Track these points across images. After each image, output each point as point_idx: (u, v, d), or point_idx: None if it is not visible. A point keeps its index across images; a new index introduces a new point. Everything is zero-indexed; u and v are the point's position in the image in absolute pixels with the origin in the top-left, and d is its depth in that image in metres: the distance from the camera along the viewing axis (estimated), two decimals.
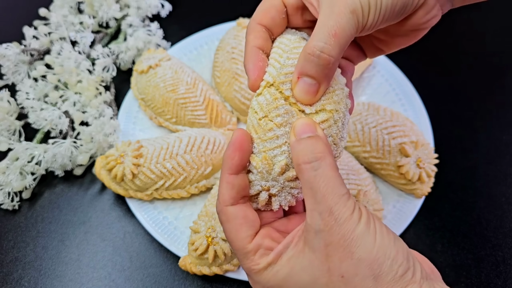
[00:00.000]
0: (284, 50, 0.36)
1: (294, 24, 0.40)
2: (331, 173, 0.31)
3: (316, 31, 0.33)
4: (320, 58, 0.32)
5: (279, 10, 0.38)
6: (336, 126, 0.35)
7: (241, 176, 0.35)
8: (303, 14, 0.39)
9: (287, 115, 0.34)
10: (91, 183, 0.69)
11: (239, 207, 0.36)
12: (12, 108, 0.72)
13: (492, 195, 0.67)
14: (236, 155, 0.34)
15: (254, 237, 0.35)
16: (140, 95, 0.73)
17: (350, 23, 0.33)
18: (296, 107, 0.34)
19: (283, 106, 0.34)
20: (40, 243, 0.63)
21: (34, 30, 0.80)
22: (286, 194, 0.35)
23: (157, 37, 0.82)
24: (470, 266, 0.60)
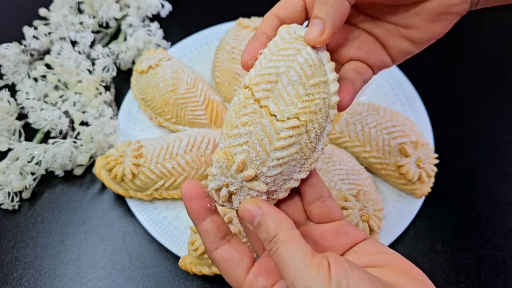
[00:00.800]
0: (271, 51, 0.35)
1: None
2: (289, 250, 0.31)
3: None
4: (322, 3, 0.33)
5: (294, 3, 0.38)
6: (307, 136, 0.34)
7: (210, 219, 0.36)
8: None
9: (254, 115, 0.33)
10: (91, 183, 0.69)
11: (223, 249, 0.36)
12: (12, 108, 0.72)
13: (492, 195, 0.67)
14: (192, 206, 0.35)
15: (248, 272, 0.35)
16: (140, 95, 0.73)
17: None
18: (266, 109, 0.33)
19: (251, 105, 0.33)
20: (40, 243, 0.63)
21: (34, 30, 0.80)
22: (245, 194, 0.35)
23: (157, 37, 0.82)
24: (470, 266, 0.60)
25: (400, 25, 0.41)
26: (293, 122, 0.33)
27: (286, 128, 0.33)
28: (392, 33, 0.41)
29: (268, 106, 0.33)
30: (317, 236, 0.37)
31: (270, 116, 0.33)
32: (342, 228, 0.37)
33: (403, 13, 0.40)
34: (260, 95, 0.33)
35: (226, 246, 0.36)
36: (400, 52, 0.42)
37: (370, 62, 0.42)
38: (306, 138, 0.34)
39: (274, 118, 0.33)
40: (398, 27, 0.41)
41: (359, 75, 0.40)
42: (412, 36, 0.40)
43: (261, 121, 0.33)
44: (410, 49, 0.41)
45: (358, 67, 0.41)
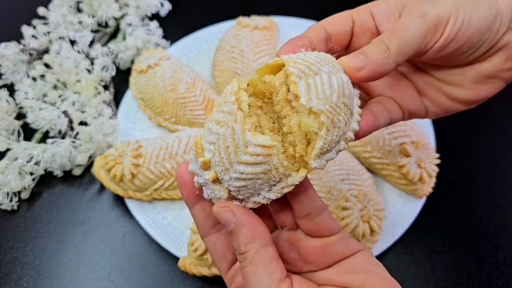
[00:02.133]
0: (319, 54, 0.33)
1: (356, 45, 0.39)
2: (255, 273, 0.31)
3: (383, 32, 0.35)
4: (379, 45, 0.33)
5: (344, 22, 0.38)
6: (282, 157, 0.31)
7: (200, 206, 0.35)
8: (370, 39, 0.37)
9: (228, 116, 0.31)
10: (90, 183, 0.68)
11: (210, 239, 0.36)
12: (11, 108, 0.72)
13: (493, 196, 0.66)
14: (183, 191, 0.35)
15: (230, 268, 0.36)
16: (139, 95, 0.73)
17: (416, 26, 0.33)
18: (241, 113, 0.30)
19: (230, 104, 0.31)
20: (39, 244, 0.63)
21: (33, 30, 0.79)
22: (211, 191, 0.33)
23: (156, 36, 0.81)
24: (471, 267, 0.60)
25: (443, 80, 0.39)
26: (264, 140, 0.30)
27: (256, 145, 0.30)
28: (433, 85, 0.40)
29: (298, 86, 0.30)
30: (302, 248, 0.36)
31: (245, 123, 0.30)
32: (329, 247, 0.35)
33: (448, 70, 0.38)
34: (296, 71, 0.31)
35: (214, 236, 0.36)
36: (437, 106, 0.40)
37: (402, 104, 0.40)
38: (277, 160, 0.31)
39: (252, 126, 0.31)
40: (440, 82, 0.39)
41: (386, 111, 0.38)
42: (453, 93, 0.39)
43: (233, 126, 0.30)
44: (448, 106, 0.40)
45: (388, 103, 0.39)
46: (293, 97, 0.31)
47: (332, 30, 0.37)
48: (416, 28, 0.33)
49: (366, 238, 0.57)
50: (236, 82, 0.32)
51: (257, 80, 0.34)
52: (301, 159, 0.32)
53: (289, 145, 0.33)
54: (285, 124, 0.32)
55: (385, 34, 0.34)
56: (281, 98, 0.32)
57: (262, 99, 0.34)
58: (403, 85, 0.41)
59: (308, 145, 0.32)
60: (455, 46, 0.35)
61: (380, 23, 0.37)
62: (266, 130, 0.33)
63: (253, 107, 0.33)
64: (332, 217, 0.36)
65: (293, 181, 0.32)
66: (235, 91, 0.31)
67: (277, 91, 0.33)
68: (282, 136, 0.33)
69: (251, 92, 0.33)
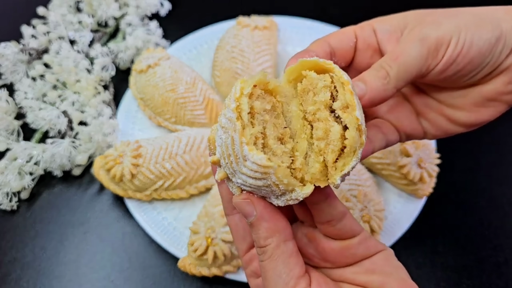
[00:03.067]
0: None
1: (359, 61, 0.39)
2: (274, 268, 0.30)
3: (383, 57, 0.34)
4: (379, 71, 0.33)
5: (348, 37, 0.38)
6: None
7: (225, 185, 0.35)
8: (373, 56, 0.38)
9: (229, 123, 0.29)
10: (90, 184, 0.68)
11: (232, 218, 0.36)
12: (11, 108, 0.72)
13: (494, 196, 0.66)
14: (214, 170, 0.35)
15: (248, 251, 0.37)
16: (139, 95, 0.73)
17: (416, 50, 0.33)
18: (241, 123, 0.29)
19: (230, 111, 0.29)
20: (38, 244, 0.63)
21: (32, 29, 0.79)
22: (229, 181, 0.33)
23: (156, 36, 0.81)
24: (472, 267, 0.60)
25: (443, 102, 0.39)
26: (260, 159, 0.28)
27: (252, 161, 0.29)
28: (433, 108, 0.39)
29: (354, 97, 0.29)
30: (320, 247, 0.35)
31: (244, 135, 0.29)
32: (349, 249, 0.34)
33: (449, 92, 0.38)
34: (350, 81, 0.30)
35: (237, 216, 0.36)
36: (436, 128, 0.40)
37: (399, 126, 0.40)
38: (276, 178, 0.29)
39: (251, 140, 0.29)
40: (441, 104, 0.39)
41: (381, 135, 0.38)
42: (454, 116, 0.38)
43: (232, 137, 0.29)
44: (448, 128, 0.39)
45: (384, 127, 0.39)
46: (341, 106, 0.30)
47: (336, 45, 0.37)
48: (416, 53, 0.33)
49: None
50: (239, 85, 0.30)
51: (284, 78, 0.33)
52: (316, 173, 0.31)
53: (311, 152, 0.32)
54: (319, 129, 0.31)
55: (385, 59, 0.34)
56: (323, 101, 0.31)
57: (280, 96, 0.33)
58: (401, 107, 0.40)
59: (336, 160, 0.30)
60: (456, 69, 0.34)
61: (381, 40, 0.37)
62: (271, 140, 0.31)
63: (258, 113, 0.31)
64: (354, 220, 0.35)
65: (297, 196, 0.31)
66: (236, 97, 0.29)
67: (317, 91, 0.31)
68: (297, 142, 0.32)
69: (258, 93, 0.31)
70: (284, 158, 0.31)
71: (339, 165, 0.30)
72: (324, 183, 0.31)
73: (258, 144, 0.30)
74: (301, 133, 0.33)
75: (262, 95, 0.32)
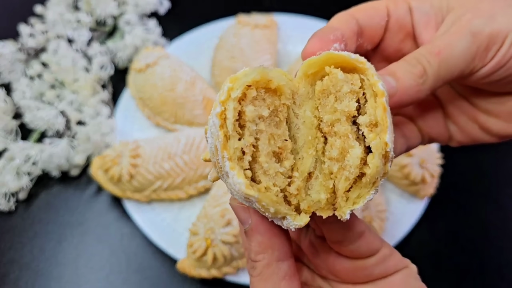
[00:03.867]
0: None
1: (387, 44, 0.33)
2: (264, 285, 0.27)
3: (420, 48, 0.28)
4: (415, 67, 0.27)
5: (379, 14, 0.32)
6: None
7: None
8: (404, 40, 0.32)
9: (214, 129, 0.24)
10: (88, 184, 0.68)
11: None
12: (9, 107, 0.71)
13: (497, 197, 0.65)
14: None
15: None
16: (138, 94, 0.72)
17: (464, 46, 0.27)
18: (224, 131, 0.24)
19: (214, 116, 0.24)
20: (37, 244, 0.62)
21: (30, 28, 0.79)
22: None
23: (155, 34, 0.80)
24: (474, 269, 0.59)
25: (478, 107, 0.33)
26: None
27: (234, 184, 0.24)
28: (465, 111, 0.34)
29: (387, 116, 0.24)
30: (330, 263, 0.31)
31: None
32: (364, 270, 0.30)
33: (487, 96, 0.32)
34: (385, 92, 0.24)
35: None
36: (464, 134, 0.34)
37: (424, 128, 0.34)
38: (259, 206, 0.25)
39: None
40: (475, 108, 0.33)
41: (403, 139, 0.33)
42: (486, 123, 0.33)
43: (216, 146, 0.24)
44: (477, 135, 0.34)
45: (407, 129, 0.34)
46: (368, 123, 0.24)
47: (365, 22, 0.31)
48: (463, 50, 0.27)
49: None
50: (227, 85, 0.24)
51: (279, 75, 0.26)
52: (329, 200, 0.25)
53: (319, 173, 0.26)
54: (335, 147, 0.25)
55: (424, 52, 0.28)
56: (346, 111, 0.25)
57: (285, 97, 0.26)
58: (429, 105, 0.34)
59: (349, 188, 0.25)
60: (505, 74, 0.29)
61: (417, 23, 0.32)
62: (263, 157, 0.25)
63: (251, 122, 0.25)
64: (374, 236, 0.30)
65: (288, 224, 0.26)
66: (221, 100, 0.24)
67: (341, 96, 0.25)
68: (301, 158, 0.26)
69: (254, 95, 0.25)
70: (278, 179, 0.25)
71: (352, 196, 0.24)
72: (327, 213, 0.25)
73: (245, 160, 0.24)
74: (309, 147, 0.27)
75: (261, 95, 0.25)
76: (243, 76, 0.24)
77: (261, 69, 0.25)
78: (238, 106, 0.24)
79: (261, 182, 0.25)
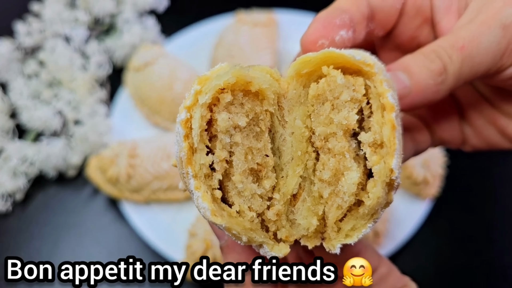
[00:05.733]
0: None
1: (401, 30, 0.28)
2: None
3: (441, 39, 0.24)
4: (433, 62, 0.23)
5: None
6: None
7: None
8: (421, 27, 0.28)
9: (178, 137, 0.21)
10: (85, 185, 0.67)
11: None
12: (5, 107, 0.70)
13: (500, 198, 0.65)
14: None
15: None
16: (136, 93, 0.71)
17: (493, 41, 0.23)
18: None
19: (178, 124, 0.20)
20: (33, 246, 0.62)
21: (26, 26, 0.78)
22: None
23: (153, 33, 0.79)
24: (477, 270, 0.58)
25: (501, 110, 0.29)
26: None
27: (198, 207, 0.20)
28: (484, 113, 0.30)
29: (396, 136, 0.20)
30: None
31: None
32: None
33: (510, 97, 0.28)
34: (396, 105, 0.20)
35: None
36: (481, 139, 0.30)
37: (436, 130, 0.31)
38: (229, 235, 0.22)
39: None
40: (495, 110, 0.29)
41: (412, 143, 0.29)
42: (508, 128, 0.29)
43: (181, 158, 0.20)
44: (495, 141, 0.30)
45: (417, 132, 0.30)
46: (372, 142, 0.19)
47: (378, 4, 0.27)
48: (492, 45, 0.23)
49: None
50: (195, 87, 0.20)
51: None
52: (306, 225, 0.22)
53: (309, 195, 0.22)
54: (326, 166, 0.20)
55: (444, 44, 0.24)
56: (344, 124, 0.20)
57: (268, 103, 0.22)
58: (445, 105, 0.31)
59: (342, 218, 0.21)
60: None
61: (437, 8, 0.27)
62: (238, 176, 0.21)
63: (224, 133, 0.20)
64: (370, 255, 0.27)
65: (265, 253, 0.22)
66: (186, 106, 0.20)
67: (338, 104, 0.20)
68: (285, 177, 0.22)
69: (229, 100, 0.21)
70: (255, 201, 0.21)
71: (345, 227, 0.20)
72: (314, 242, 0.22)
73: (214, 179, 0.20)
74: (297, 164, 0.22)
75: (238, 99, 0.21)
76: (215, 77, 0.20)
77: (237, 69, 0.20)
78: (207, 114, 0.20)
79: (234, 204, 0.20)
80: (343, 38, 0.25)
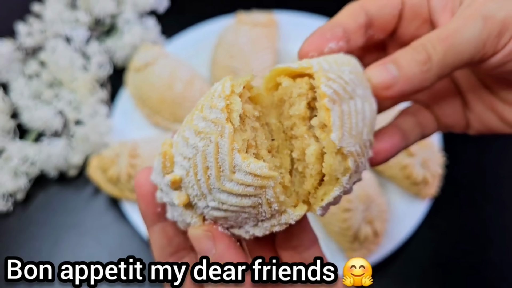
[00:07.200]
0: (340, 61, 0.27)
1: (402, 32, 0.31)
2: None
3: (430, 33, 0.27)
4: (420, 53, 0.26)
5: (392, 4, 0.30)
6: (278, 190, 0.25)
7: (160, 227, 0.30)
8: (420, 27, 0.31)
9: (213, 126, 0.24)
10: (86, 184, 0.67)
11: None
12: (6, 107, 0.70)
13: (500, 198, 0.65)
14: (141, 205, 0.29)
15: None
16: (136, 94, 0.71)
17: (474, 31, 0.25)
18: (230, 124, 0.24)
19: (218, 110, 0.24)
20: (34, 246, 0.62)
21: (28, 27, 0.78)
22: (179, 214, 0.28)
23: (154, 33, 0.80)
24: (476, 270, 0.59)
25: (498, 96, 0.31)
26: (259, 167, 0.23)
27: (247, 172, 0.23)
28: (484, 100, 0.32)
29: (331, 115, 0.24)
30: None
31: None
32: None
33: (508, 84, 0.30)
34: (330, 92, 0.24)
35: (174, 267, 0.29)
36: (482, 124, 0.32)
37: (441, 116, 0.33)
38: (273, 194, 0.25)
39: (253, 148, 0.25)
40: (493, 96, 0.32)
41: (419, 128, 0.32)
42: (504, 114, 0.31)
43: (217, 142, 0.23)
44: (495, 126, 0.32)
45: (422, 116, 0.32)
46: (320, 124, 0.25)
47: (375, 13, 0.30)
48: (473, 34, 0.26)
49: (369, 240, 0.56)
50: (229, 82, 0.25)
51: (264, 82, 0.28)
52: (302, 195, 0.27)
53: (296, 172, 0.27)
54: (296, 149, 0.26)
55: (431, 37, 0.27)
56: (297, 114, 0.26)
57: (261, 106, 0.28)
58: (447, 91, 0.33)
59: (319, 184, 0.26)
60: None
61: (435, 9, 0.30)
62: (264, 151, 0.26)
63: (249, 118, 0.26)
64: (323, 254, 0.29)
65: (288, 219, 0.26)
66: (226, 95, 0.24)
67: (292, 102, 0.26)
68: (281, 158, 0.28)
69: (247, 97, 0.27)
70: (278, 176, 0.25)
71: (319, 194, 0.25)
72: (303, 210, 0.26)
73: (250, 154, 0.25)
74: (283, 149, 0.28)
75: (247, 100, 0.27)
76: (239, 78, 0.26)
77: (251, 75, 0.27)
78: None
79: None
80: (332, 49, 0.28)
